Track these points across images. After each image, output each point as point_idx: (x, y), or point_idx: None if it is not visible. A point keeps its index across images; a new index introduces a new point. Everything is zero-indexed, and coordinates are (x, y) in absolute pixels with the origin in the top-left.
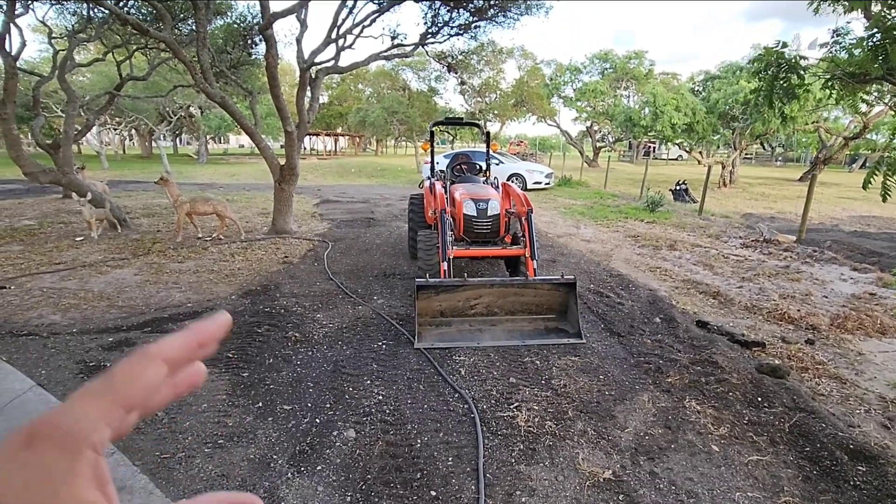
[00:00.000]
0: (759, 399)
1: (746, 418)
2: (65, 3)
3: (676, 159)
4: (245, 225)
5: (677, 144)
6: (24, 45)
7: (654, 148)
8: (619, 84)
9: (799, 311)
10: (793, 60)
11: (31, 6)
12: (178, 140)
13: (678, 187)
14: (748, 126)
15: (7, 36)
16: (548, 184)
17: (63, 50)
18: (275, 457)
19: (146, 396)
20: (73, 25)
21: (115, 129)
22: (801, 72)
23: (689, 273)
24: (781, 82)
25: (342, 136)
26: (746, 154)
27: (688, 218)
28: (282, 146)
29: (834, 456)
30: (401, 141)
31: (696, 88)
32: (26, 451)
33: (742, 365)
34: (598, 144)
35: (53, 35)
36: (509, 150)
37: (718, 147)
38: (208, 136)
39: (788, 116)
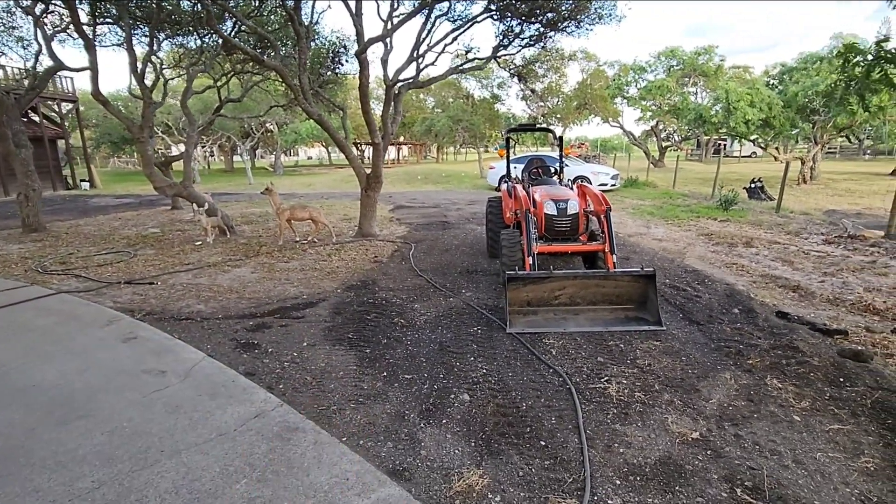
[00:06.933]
0: (841, 379)
1: (828, 395)
2: (188, 36)
3: (750, 156)
4: (333, 229)
5: (752, 141)
6: (157, 78)
7: (726, 145)
8: (687, 81)
9: (885, 302)
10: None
11: (161, 44)
12: (255, 154)
13: (753, 185)
14: (830, 119)
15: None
16: (613, 185)
17: (171, 79)
18: (407, 412)
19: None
20: (189, 58)
21: (203, 146)
22: None
23: (767, 269)
24: (877, 73)
25: (405, 144)
26: (829, 148)
27: (764, 216)
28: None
29: None
30: (461, 148)
31: (772, 82)
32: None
33: (824, 350)
34: (665, 144)
35: (164, 67)
36: (569, 151)
37: (797, 142)
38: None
39: (877, 107)
